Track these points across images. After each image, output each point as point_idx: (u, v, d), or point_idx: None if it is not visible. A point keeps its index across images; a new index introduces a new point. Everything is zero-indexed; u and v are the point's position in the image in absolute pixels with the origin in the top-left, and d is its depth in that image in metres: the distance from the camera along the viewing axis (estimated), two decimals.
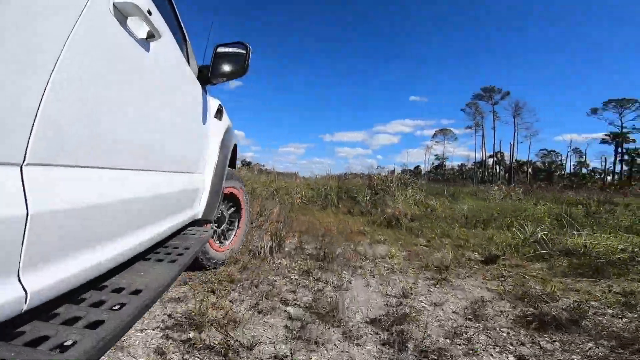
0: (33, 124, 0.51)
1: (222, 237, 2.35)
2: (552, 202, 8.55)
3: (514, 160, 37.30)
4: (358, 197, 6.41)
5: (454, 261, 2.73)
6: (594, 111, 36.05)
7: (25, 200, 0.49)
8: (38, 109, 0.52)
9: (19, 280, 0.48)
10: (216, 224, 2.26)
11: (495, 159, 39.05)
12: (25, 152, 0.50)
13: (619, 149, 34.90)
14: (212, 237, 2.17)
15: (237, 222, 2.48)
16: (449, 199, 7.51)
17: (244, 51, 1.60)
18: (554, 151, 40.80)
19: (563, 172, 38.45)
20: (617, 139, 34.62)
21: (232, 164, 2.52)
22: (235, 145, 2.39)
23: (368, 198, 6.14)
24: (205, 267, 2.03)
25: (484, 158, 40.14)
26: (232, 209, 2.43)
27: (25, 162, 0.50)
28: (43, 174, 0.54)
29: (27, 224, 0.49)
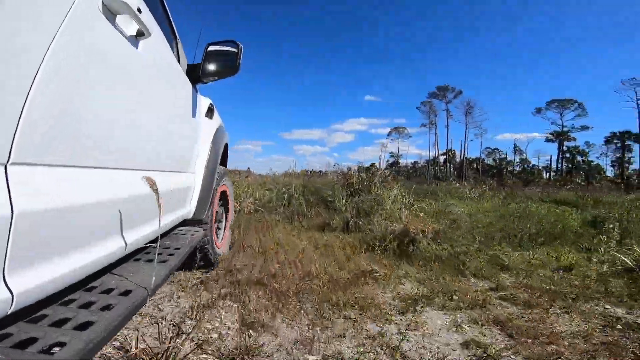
0: (18, 123, 0.50)
1: (218, 229, 2.36)
2: (532, 200, 7.58)
3: (464, 158, 37.97)
4: (335, 201, 4.73)
5: (613, 339, 1.47)
6: (539, 110, 37.19)
7: (10, 200, 0.48)
8: (23, 108, 0.51)
9: (5, 281, 0.47)
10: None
11: (447, 156, 39.28)
12: (10, 152, 0.49)
13: (562, 147, 36.10)
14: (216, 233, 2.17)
15: (224, 220, 2.48)
16: (438, 201, 6.27)
17: (235, 50, 1.59)
18: (497, 149, 41.77)
19: (512, 169, 39.26)
20: (561, 137, 35.74)
21: (224, 163, 2.52)
22: (227, 144, 2.37)
23: (344, 201, 4.64)
24: (213, 264, 2.01)
25: (437, 155, 40.51)
26: (222, 207, 2.43)
27: (10, 162, 0.49)
28: (28, 174, 0.53)
29: (12, 224, 0.48)
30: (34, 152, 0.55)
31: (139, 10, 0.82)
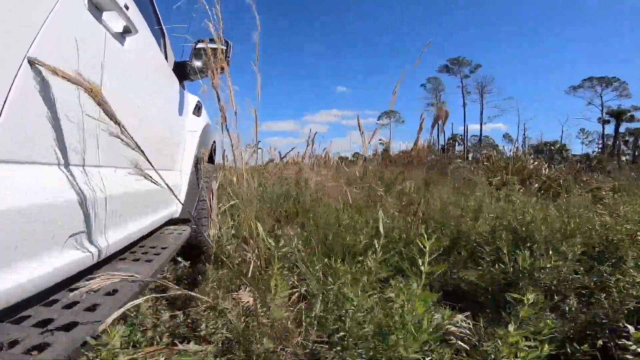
0: None
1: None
2: None
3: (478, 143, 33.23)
4: None
5: None
6: (574, 88, 32.41)
7: None
8: (4, 104, 0.50)
9: None
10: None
11: (456, 141, 34.21)
12: None
13: (618, 128, 31.15)
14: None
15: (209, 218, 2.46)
16: None
17: (224, 47, 1.58)
18: (486, 137, 36.92)
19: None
20: (620, 117, 30.65)
21: (211, 161, 2.49)
22: (215, 142, 2.35)
23: None
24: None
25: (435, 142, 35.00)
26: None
27: None
28: (9, 171, 0.52)
29: None
30: (14, 149, 0.54)
31: (126, 7, 0.81)
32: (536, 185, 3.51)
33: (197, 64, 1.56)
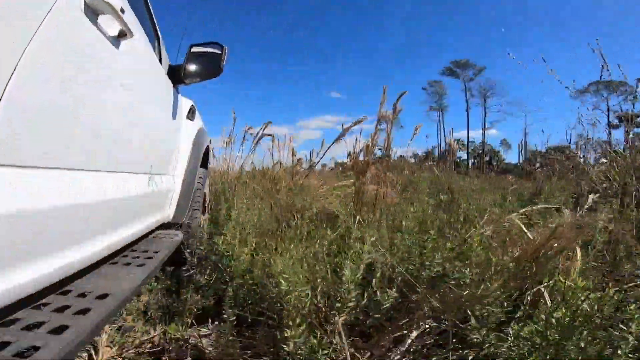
0: None
1: None
2: None
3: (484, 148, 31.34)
4: None
5: None
6: (581, 92, 30.63)
7: None
8: None
9: None
10: None
11: (458, 146, 34.81)
12: None
13: (629, 132, 31.15)
14: None
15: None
16: None
17: (219, 52, 1.59)
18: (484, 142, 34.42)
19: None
20: (630, 121, 31.35)
21: (205, 165, 2.49)
22: (208, 147, 2.35)
23: None
24: None
25: (432, 148, 31.48)
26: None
27: None
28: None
29: None
30: (4, 154, 0.53)
31: (122, 11, 0.82)
32: None
33: (192, 67, 1.57)
